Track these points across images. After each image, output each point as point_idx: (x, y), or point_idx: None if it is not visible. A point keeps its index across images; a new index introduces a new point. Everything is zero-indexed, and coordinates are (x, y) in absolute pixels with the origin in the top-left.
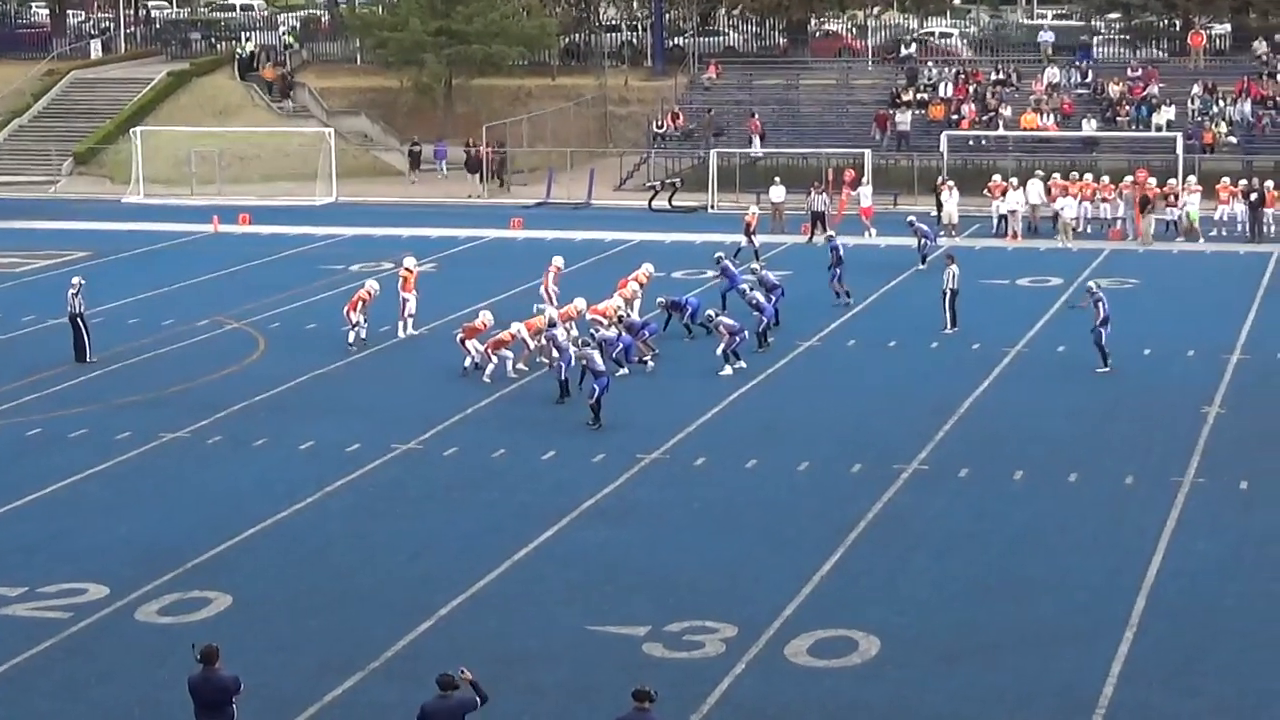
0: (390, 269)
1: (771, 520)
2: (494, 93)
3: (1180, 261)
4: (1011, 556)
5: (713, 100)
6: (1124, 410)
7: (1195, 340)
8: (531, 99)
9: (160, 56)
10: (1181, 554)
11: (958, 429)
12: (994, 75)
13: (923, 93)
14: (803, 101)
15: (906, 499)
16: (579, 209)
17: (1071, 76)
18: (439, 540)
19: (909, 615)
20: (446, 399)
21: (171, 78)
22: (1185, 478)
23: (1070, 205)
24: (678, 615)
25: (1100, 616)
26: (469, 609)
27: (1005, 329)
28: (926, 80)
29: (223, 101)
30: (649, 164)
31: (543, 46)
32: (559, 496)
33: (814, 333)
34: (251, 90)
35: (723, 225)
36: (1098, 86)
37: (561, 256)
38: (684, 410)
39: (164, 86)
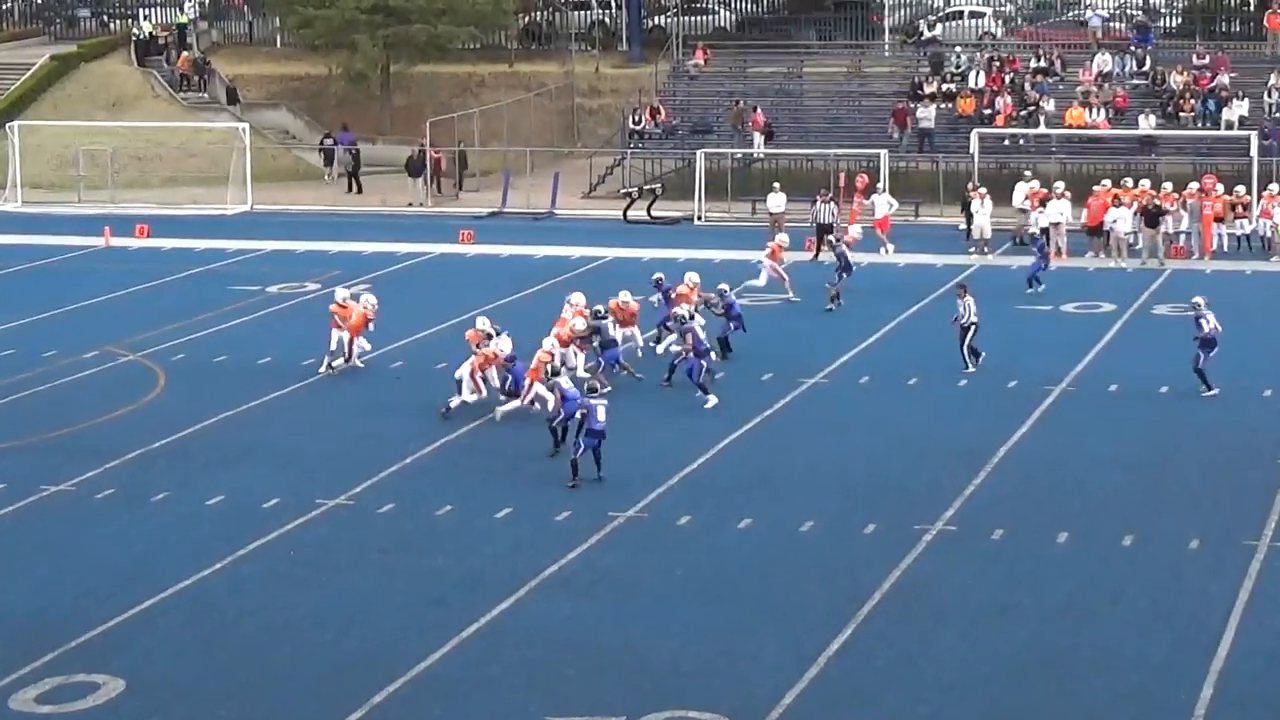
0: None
1: (769, 590)
2: (440, 81)
3: (1254, 284)
4: (1053, 633)
5: (700, 91)
6: (1188, 460)
7: (1273, 377)
8: (484, 89)
9: (42, 37)
10: (1256, 631)
11: (990, 482)
12: (1034, 62)
13: (949, 83)
14: (806, 93)
15: (929, 565)
16: (540, 220)
17: (1126, 64)
18: (372, 613)
19: (932, 703)
20: (382, 445)
21: (55, 62)
22: (1261, 541)
23: (1125, 217)
24: (657, 703)
25: (1160, 704)
26: (408, 696)
27: (1047, 364)
28: (954, 68)
29: (116, 91)
30: (624, 167)
31: (498, 27)
32: (516, 562)
33: (820, 368)
34: (151, 78)
35: (711, 239)
36: (1157, 76)
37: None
38: (665, 459)
39: (46, 73)
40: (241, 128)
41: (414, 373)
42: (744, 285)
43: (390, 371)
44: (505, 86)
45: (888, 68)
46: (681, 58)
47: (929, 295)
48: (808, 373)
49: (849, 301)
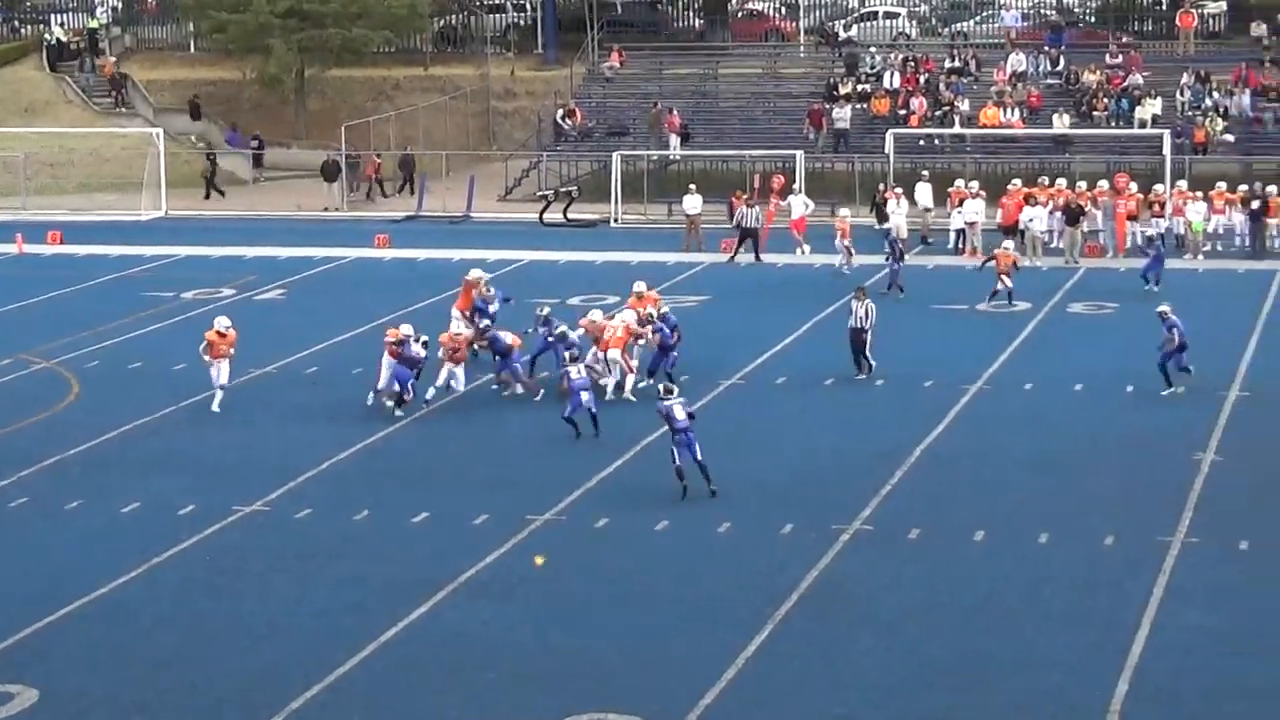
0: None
1: (687, 592)
2: (354, 85)
3: (1169, 281)
4: (971, 632)
5: (616, 93)
6: (1103, 458)
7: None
8: (400, 93)
9: None
10: (1171, 627)
11: (907, 482)
12: (948, 62)
13: (865, 83)
14: (722, 94)
15: (847, 565)
16: (457, 223)
17: (1040, 64)
18: (290, 621)
19: (851, 703)
20: (298, 451)
21: None
22: (1175, 537)
23: (1040, 216)
24: (577, 706)
25: (1076, 701)
26: (326, 703)
27: (963, 363)
28: (869, 68)
29: (28, 97)
30: (540, 169)
31: (413, 30)
32: (434, 567)
33: (737, 369)
34: (64, 84)
35: (627, 241)
36: (1071, 76)
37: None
38: (582, 462)
39: None
40: (155, 133)
41: (329, 378)
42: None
43: (306, 377)
44: (420, 90)
45: (803, 69)
46: (597, 60)
47: (845, 296)
48: (725, 374)
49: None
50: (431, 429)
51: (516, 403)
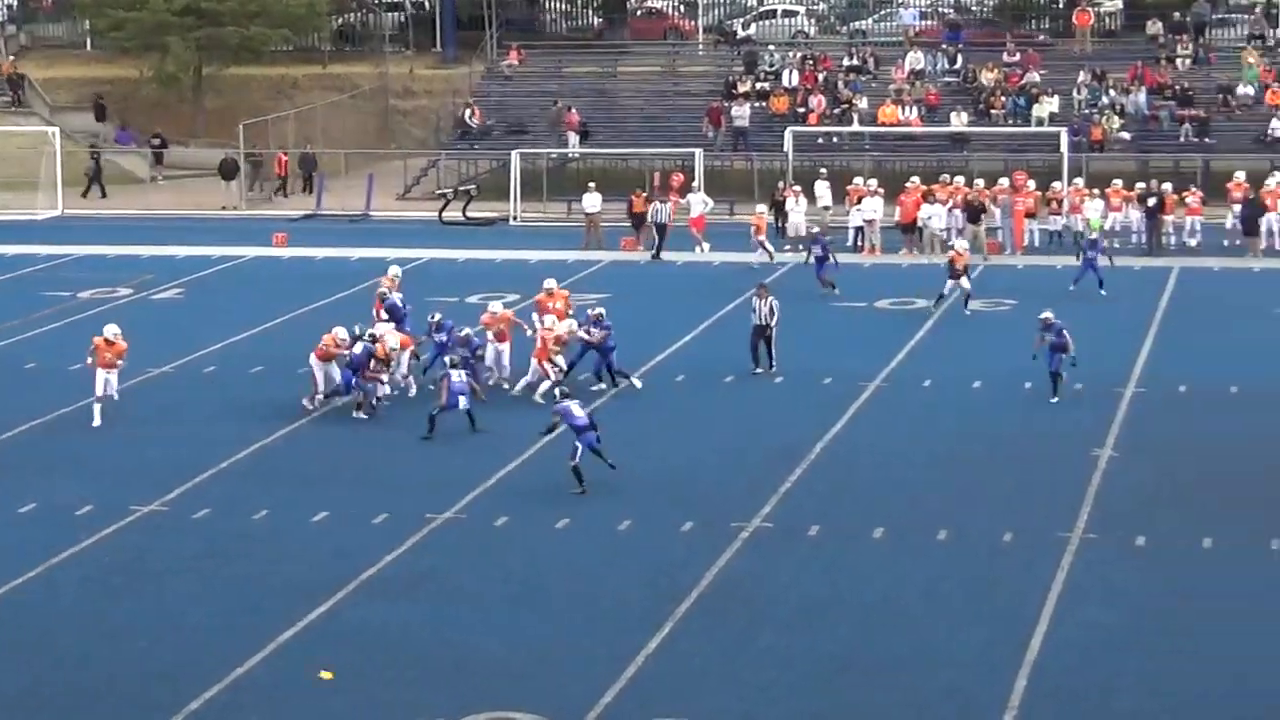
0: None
1: (586, 590)
2: (253, 84)
3: (1065, 278)
4: (870, 629)
5: (516, 91)
6: (1001, 455)
7: (1084, 372)
8: (298, 91)
9: None
10: (1069, 623)
11: (806, 479)
12: (847, 60)
13: (764, 81)
14: (622, 92)
15: (747, 563)
16: (355, 222)
17: (938, 62)
18: (188, 621)
19: (750, 701)
20: (197, 450)
21: None
22: (1073, 533)
23: (939, 214)
24: (475, 705)
25: (974, 698)
26: (225, 703)
27: (862, 360)
28: (768, 67)
29: None
30: (439, 168)
31: (311, 28)
32: (333, 566)
33: (636, 366)
34: None
35: (526, 239)
36: (968, 74)
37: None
38: (482, 461)
39: None
40: (51, 132)
41: (228, 377)
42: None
43: (204, 376)
44: (319, 88)
45: (702, 67)
46: (496, 58)
47: (745, 293)
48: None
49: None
50: (331, 429)
51: (416, 402)
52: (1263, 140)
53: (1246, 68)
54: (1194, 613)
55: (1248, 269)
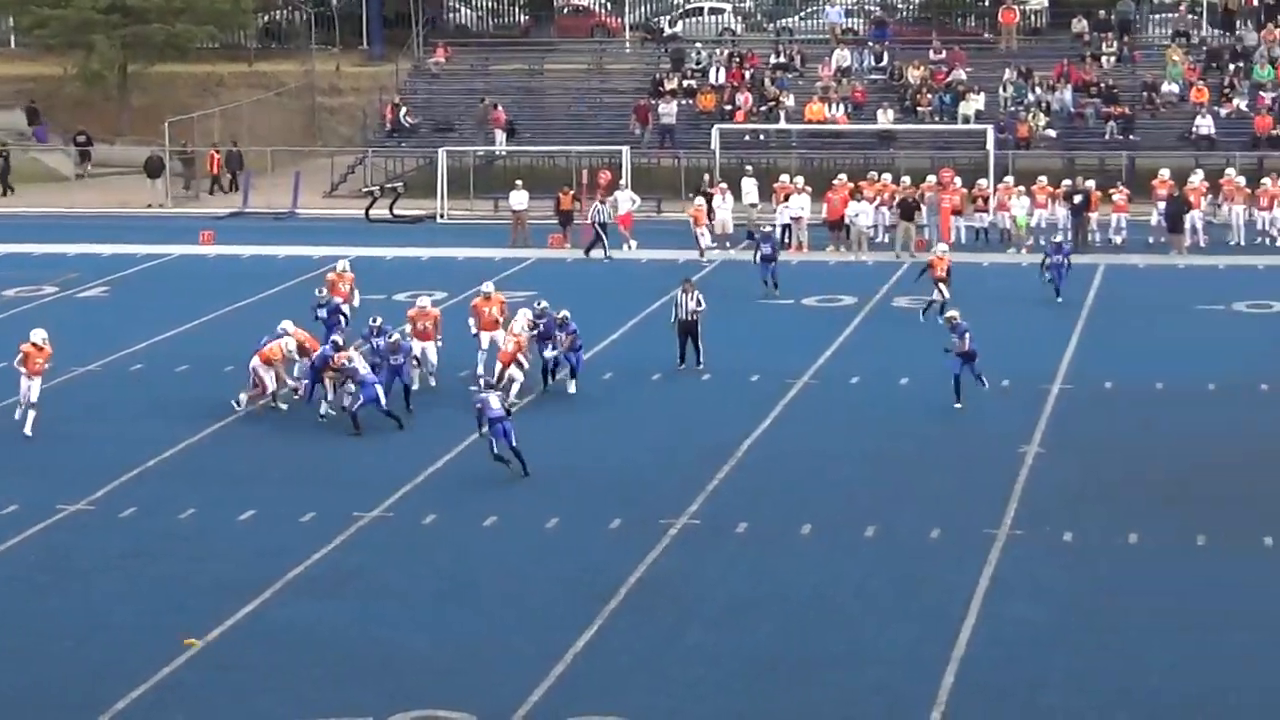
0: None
1: (514, 588)
2: (178, 81)
3: (992, 275)
4: (798, 626)
5: (442, 89)
6: (929, 452)
7: (1010, 369)
8: (224, 89)
9: None
10: (997, 620)
11: (734, 476)
12: (773, 58)
13: (690, 79)
14: (548, 90)
15: (675, 560)
16: (282, 219)
17: (864, 59)
18: (114, 620)
19: (677, 698)
20: (123, 449)
21: None
22: (1000, 530)
23: (866, 211)
24: (404, 704)
25: (902, 694)
26: (151, 702)
27: (789, 358)
28: (694, 64)
29: None
30: (366, 165)
31: (237, 26)
32: (260, 565)
33: (563, 364)
34: None
35: (453, 236)
36: (895, 71)
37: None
38: (409, 458)
39: None
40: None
41: (155, 376)
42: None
43: (130, 374)
44: (245, 86)
45: (628, 65)
46: (423, 56)
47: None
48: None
49: (591, 298)
50: (257, 427)
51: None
52: (1187, 138)
53: (1171, 65)
54: (1120, 609)
55: (1172, 266)
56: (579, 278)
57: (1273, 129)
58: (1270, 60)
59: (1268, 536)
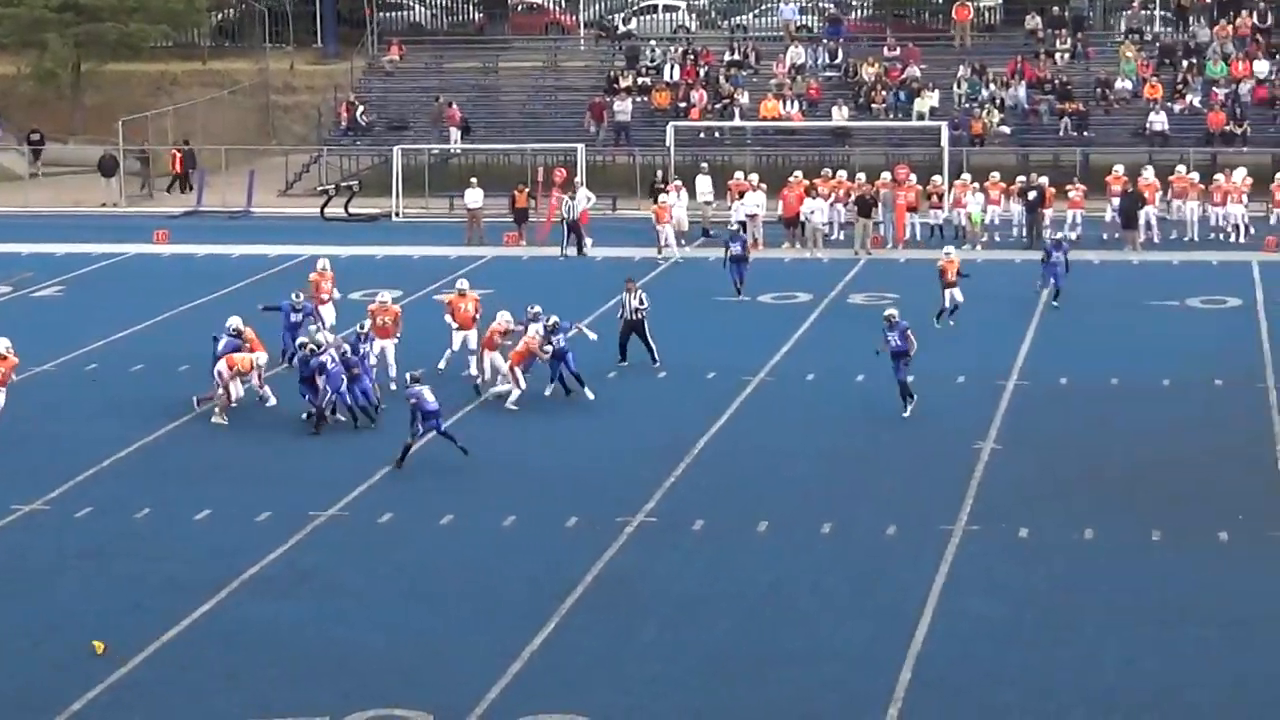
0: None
1: (471, 587)
2: (132, 80)
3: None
4: (755, 623)
5: (397, 87)
6: (884, 449)
7: (965, 364)
8: (178, 87)
9: None
10: (953, 615)
11: (690, 474)
12: (728, 55)
13: (645, 76)
14: (503, 88)
15: (631, 558)
16: (236, 218)
17: (819, 57)
18: (70, 621)
19: (634, 695)
20: (78, 448)
21: None
22: (956, 526)
23: (821, 208)
24: (361, 702)
25: (859, 691)
26: (108, 703)
27: (745, 355)
28: (649, 61)
29: None
30: (321, 164)
31: (190, 24)
32: (216, 564)
33: None
34: None
35: (409, 235)
36: (849, 68)
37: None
38: (365, 458)
39: None
40: None
41: (110, 375)
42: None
43: (86, 374)
44: (199, 84)
45: (583, 62)
46: (377, 54)
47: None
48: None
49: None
50: (212, 427)
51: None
52: (1141, 134)
53: (1124, 62)
54: (1076, 604)
55: (1126, 261)
56: (534, 275)
57: (1225, 125)
58: (1223, 56)
59: (1222, 532)
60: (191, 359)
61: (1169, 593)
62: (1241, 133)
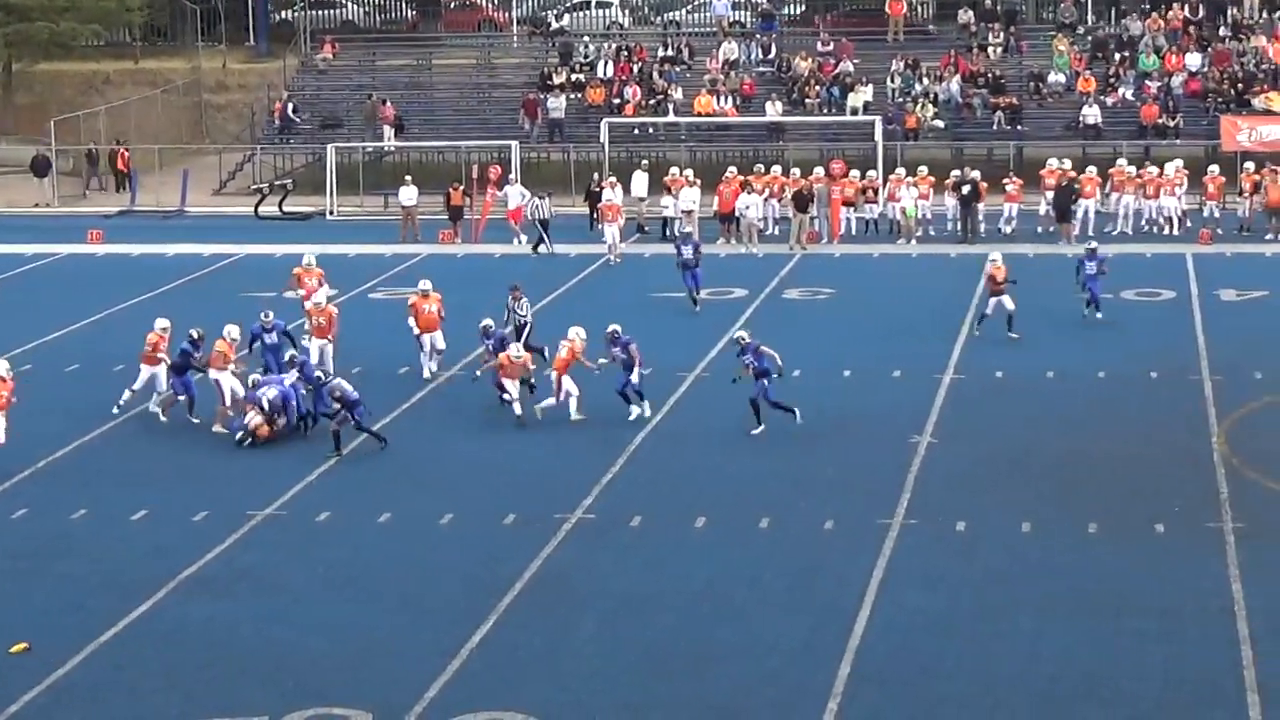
0: None
1: (409, 585)
2: (64, 79)
3: (882, 266)
4: (693, 619)
5: (330, 84)
6: (821, 443)
7: (901, 359)
8: (110, 86)
9: None
10: (891, 608)
11: (628, 469)
12: (661, 51)
13: (579, 73)
14: (437, 85)
15: (569, 554)
16: (170, 217)
17: (752, 52)
18: (6, 622)
19: (573, 691)
20: (12, 449)
21: None
22: (894, 519)
23: (755, 204)
24: (299, 701)
25: (797, 685)
26: (46, 704)
27: (681, 351)
28: (582, 58)
29: None
30: (254, 163)
31: (122, 23)
32: (153, 564)
33: (454, 359)
34: None
35: (343, 233)
36: (783, 63)
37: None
38: (302, 456)
39: None
40: None
41: (44, 375)
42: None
43: (20, 374)
44: (131, 83)
45: (517, 59)
46: (310, 52)
47: (563, 285)
48: (445, 365)
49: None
50: (148, 426)
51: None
52: (1074, 127)
53: (1057, 55)
54: (1014, 597)
55: (1061, 255)
56: (467, 273)
57: (1159, 118)
58: (1155, 49)
59: (1159, 524)
60: (127, 359)
61: (1106, 584)
62: (1175, 125)
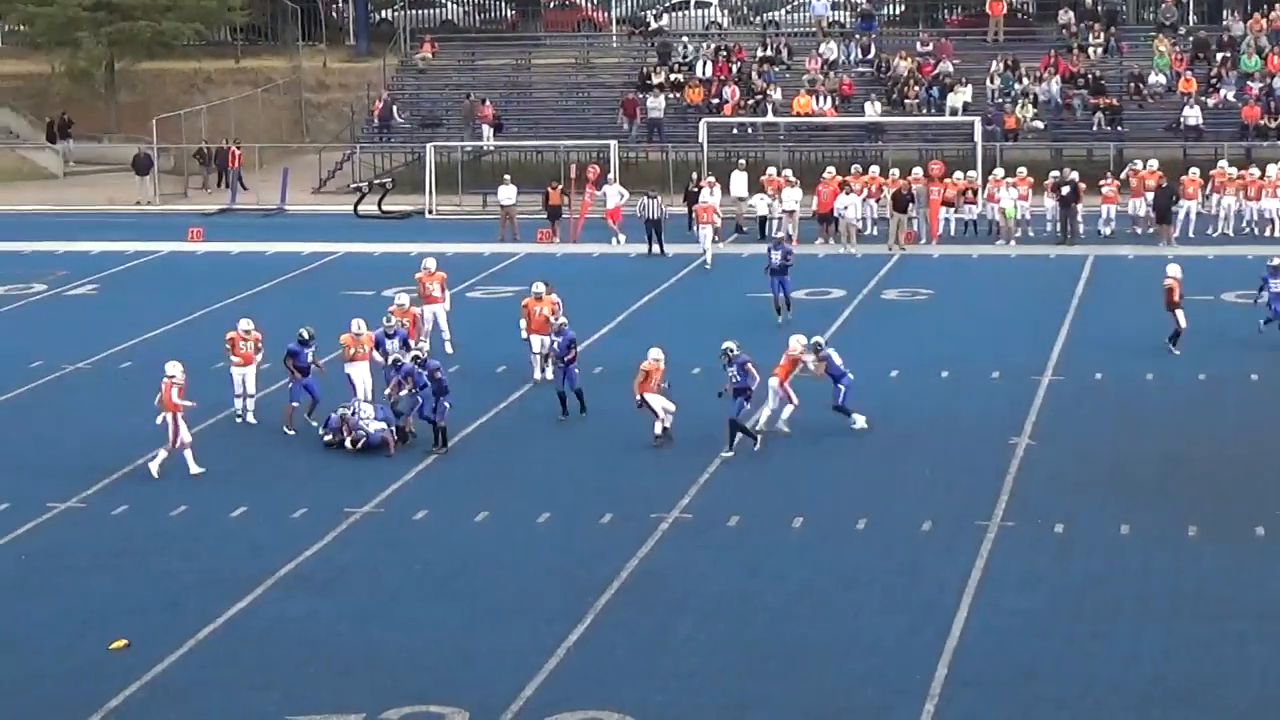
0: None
1: (507, 583)
2: (166, 78)
3: (981, 267)
4: (790, 619)
5: (429, 84)
6: (919, 444)
7: (1000, 360)
8: (211, 85)
9: None
10: (989, 610)
11: (725, 470)
12: (760, 51)
13: (677, 73)
14: (536, 85)
15: (667, 554)
16: (270, 216)
17: (851, 52)
18: (107, 618)
19: (671, 692)
20: (114, 446)
21: None
22: (991, 521)
23: (854, 204)
24: (397, 700)
25: (895, 686)
26: (144, 701)
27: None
28: (681, 58)
29: None
30: (354, 161)
31: (223, 22)
32: (252, 562)
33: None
34: None
35: (442, 232)
36: (882, 64)
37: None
38: (399, 455)
39: None
40: None
41: (145, 373)
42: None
43: (120, 372)
44: (232, 82)
45: (616, 59)
46: (409, 51)
47: (662, 284)
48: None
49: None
50: (245, 425)
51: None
52: (1174, 128)
53: (1158, 56)
54: (1112, 599)
55: (1161, 257)
56: (567, 273)
57: (1260, 119)
58: (1257, 50)
59: (1259, 526)
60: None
61: (1205, 587)
62: (1276, 126)
